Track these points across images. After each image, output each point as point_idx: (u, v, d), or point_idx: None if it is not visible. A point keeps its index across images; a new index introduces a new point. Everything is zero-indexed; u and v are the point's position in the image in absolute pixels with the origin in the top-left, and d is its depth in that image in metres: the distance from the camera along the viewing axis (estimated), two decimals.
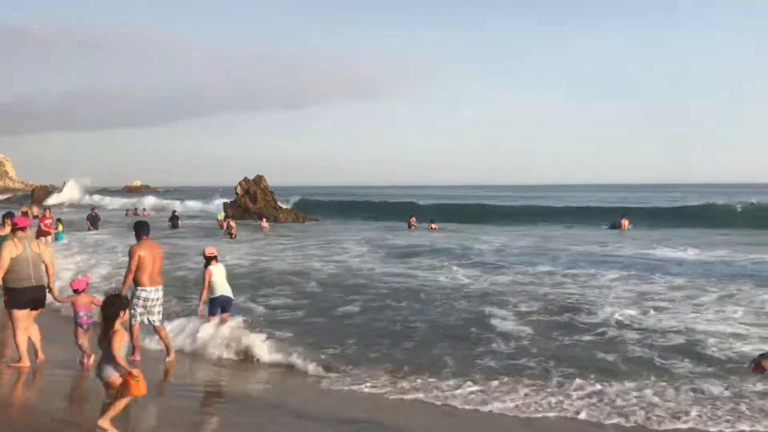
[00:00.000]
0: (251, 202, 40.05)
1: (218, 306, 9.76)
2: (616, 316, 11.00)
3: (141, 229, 8.65)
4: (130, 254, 8.36)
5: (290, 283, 15.07)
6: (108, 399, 5.52)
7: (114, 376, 5.39)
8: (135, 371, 5.39)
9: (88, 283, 8.64)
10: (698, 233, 30.41)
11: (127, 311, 5.72)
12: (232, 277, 10.52)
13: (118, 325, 5.47)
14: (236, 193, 41.18)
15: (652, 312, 11.23)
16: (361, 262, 18.97)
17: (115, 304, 5.53)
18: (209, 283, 9.70)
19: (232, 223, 31.08)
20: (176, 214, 35.71)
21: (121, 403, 5.44)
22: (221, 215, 36.28)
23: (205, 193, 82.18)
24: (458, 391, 7.28)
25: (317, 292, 13.86)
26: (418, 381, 7.66)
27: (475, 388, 7.37)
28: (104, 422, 5.42)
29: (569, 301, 12.52)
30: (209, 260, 9.80)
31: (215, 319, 9.65)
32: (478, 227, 35.91)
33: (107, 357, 5.43)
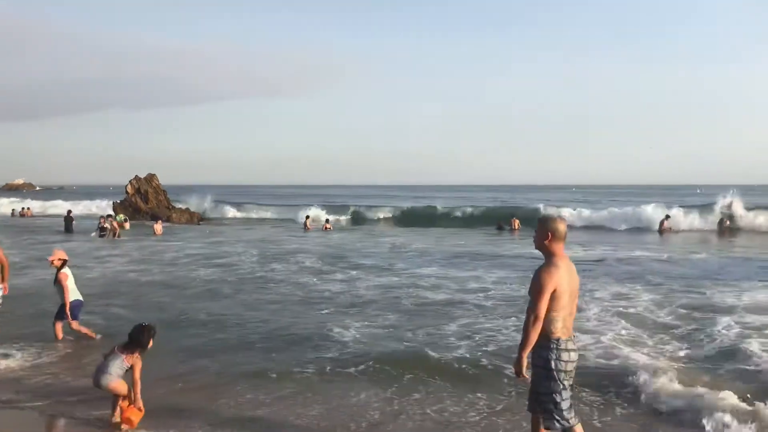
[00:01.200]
0: (142, 202, 37.70)
1: (77, 310, 9.36)
2: (480, 319, 10.35)
3: None
4: None
5: (149, 290, 13.63)
6: (119, 397, 5.84)
7: (114, 382, 5.72)
8: (141, 407, 5.76)
9: None
10: (602, 233, 30.88)
11: (152, 342, 5.99)
12: (90, 283, 10.14)
13: (140, 354, 5.85)
14: (126, 192, 38.69)
15: (515, 316, 10.63)
16: (239, 264, 17.74)
17: (146, 334, 5.87)
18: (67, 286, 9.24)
19: (115, 223, 29.11)
20: (71, 215, 32.80)
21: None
22: (121, 216, 33.83)
23: (94, 192, 78.06)
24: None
25: (168, 301, 12.45)
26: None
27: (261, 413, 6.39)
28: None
29: (439, 305, 11.80)
30: (61, 264, 9.35)
31: (75, 325, 9.27)
32: (382, 227, 35.20)
33: (107, 368, 5.73)
